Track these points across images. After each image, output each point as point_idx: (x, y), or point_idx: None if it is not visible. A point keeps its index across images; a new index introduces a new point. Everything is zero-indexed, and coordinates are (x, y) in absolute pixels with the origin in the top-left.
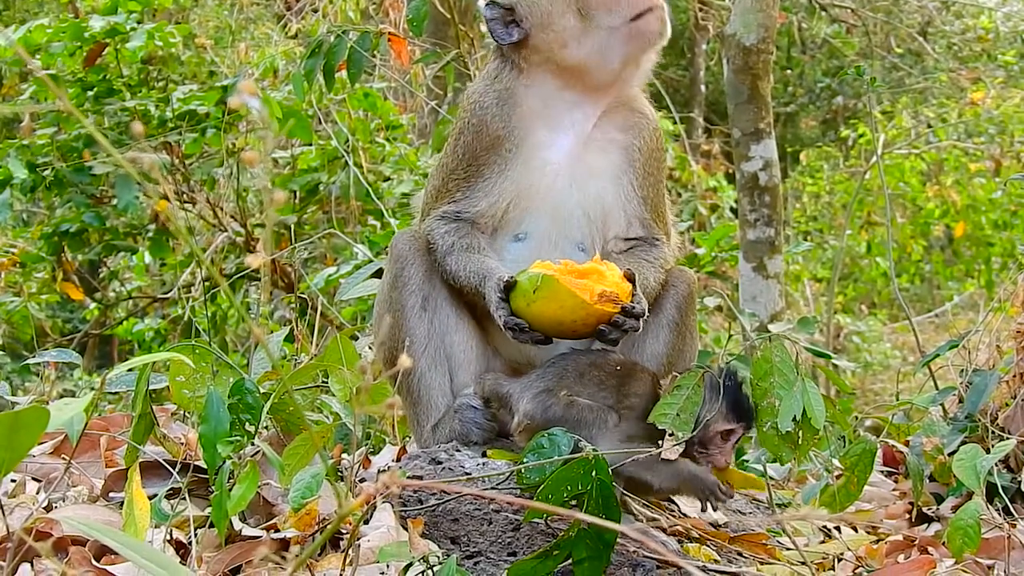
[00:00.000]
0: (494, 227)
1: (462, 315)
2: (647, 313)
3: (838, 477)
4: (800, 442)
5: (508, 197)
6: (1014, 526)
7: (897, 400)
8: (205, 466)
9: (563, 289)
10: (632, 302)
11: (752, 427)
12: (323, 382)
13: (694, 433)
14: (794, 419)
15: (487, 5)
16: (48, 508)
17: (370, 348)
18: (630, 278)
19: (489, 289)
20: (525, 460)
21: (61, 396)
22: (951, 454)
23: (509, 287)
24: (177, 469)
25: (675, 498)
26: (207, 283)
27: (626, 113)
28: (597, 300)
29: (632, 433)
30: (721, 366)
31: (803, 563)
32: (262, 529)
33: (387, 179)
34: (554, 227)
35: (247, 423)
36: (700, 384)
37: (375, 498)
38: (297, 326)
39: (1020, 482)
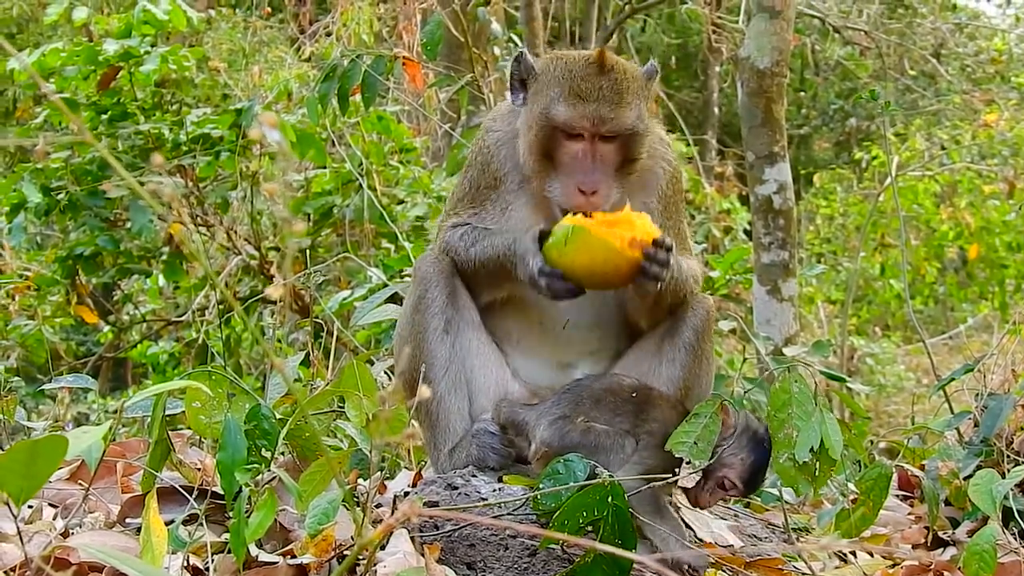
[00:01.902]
0: None
1: (483, 339)
2: (675, 248)
3: (854, 501)
4: (817, 474)
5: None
6: None
7: (912, 424)
8: (222, 492)
9: (594, 239)
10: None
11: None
12: (339, 407)
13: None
14: (811, 450)
15: (514, 58)
16: (65, 534)
17: (386, 373)
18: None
19: (523, 244)
20: (541, 486)
21: (75, 419)
22: (967, 478)
23: (543, 236)
24: (194, 495)
25: (690, 523)
26: (221, 306)
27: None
28: (628, 247)
29: (652, 461)
30: (761, 423)
31: None
32: (279, 555)
33: (401, 202)
34: None
35: (263, 449)
36: (718, 413)
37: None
38: (312, 350)
39: None
